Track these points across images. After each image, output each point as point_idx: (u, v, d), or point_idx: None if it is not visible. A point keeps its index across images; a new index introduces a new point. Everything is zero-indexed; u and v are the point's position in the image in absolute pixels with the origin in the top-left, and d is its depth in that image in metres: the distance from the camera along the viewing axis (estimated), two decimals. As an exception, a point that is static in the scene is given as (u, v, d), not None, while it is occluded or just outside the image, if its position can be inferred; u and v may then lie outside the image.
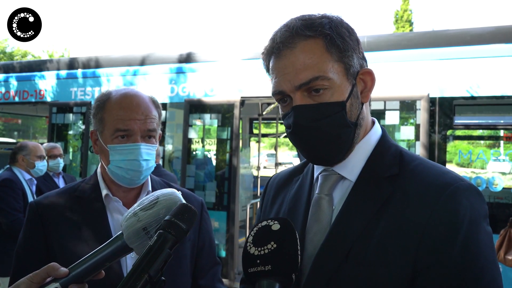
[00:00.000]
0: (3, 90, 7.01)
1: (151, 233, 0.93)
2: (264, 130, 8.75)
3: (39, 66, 7.53)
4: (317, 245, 0.96)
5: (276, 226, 0.87)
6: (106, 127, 1.39)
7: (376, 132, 1.07)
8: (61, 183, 4.57)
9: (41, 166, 4.09)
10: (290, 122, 0.97)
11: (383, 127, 1.10)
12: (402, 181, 0.94)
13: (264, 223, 0.90)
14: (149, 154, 1.41)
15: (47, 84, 6.66)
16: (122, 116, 1.36)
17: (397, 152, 1.02)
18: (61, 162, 4.56)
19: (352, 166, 1.01)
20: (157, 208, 0.96)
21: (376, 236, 0.90)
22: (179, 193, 1.01)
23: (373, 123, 1.09)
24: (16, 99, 6.91)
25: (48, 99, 6.58)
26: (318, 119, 0.94)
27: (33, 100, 6.75)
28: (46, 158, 4.23)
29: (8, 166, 4.08)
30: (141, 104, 1.39)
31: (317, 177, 1.07)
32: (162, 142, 5.90)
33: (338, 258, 0.92)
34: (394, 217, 0.91)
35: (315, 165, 1.11)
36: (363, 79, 1.02)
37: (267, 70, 1.04)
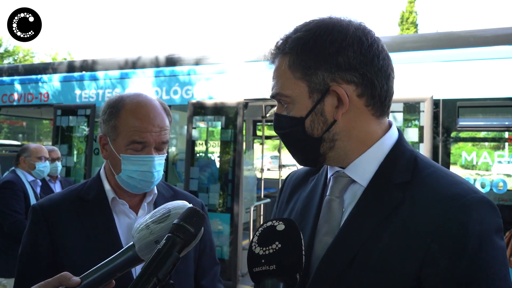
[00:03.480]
0: (8, 92, 7.06)
1: None
2: (267, 132, 8.74)
3: (44, 68, 7.57)
4: (326, 246, 0.97)
5: (281, 227, 0.88)
6: (120, 135, 1.38)
7: (391, 136, 1.03)
8: (57, 188, 4.54)
9: (42, 167, 4.10)
10: None
11: (400, 130, 1.07)
12: (413, 189, 0.92)
13: (269, 223, 0.90)
14: (160, 165, 1.43)
15: (51, 87, 6.70)
16: (138, 128, 1.36)
17: (411, 158, 0.99)
18: (58, 165, 4.55)
19: (364, 170, 1.00)
20: (169, 221, 0.98)
21: (382, 243, 0.89)
22: (190, 206, 1.02)
23: (390, 126, 1.04)
24: (21, 101, 6.95)
25: (53, 102, 6.62)
26: (281, 129, 1.03)
27: (38, 102, 6.78)
28: (50, 160, 4.26)
29: (13, 168, 4.11)
30: (157, 115, 1.40)
31: (329, 179, 1.07)
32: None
33: (343, 262, 0.92)
34: (401, 225, 0.89)
35: (328, 166, 1.10)
36: (338, 95, 0.95)
37: None
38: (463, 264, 0.82)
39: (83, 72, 6.83)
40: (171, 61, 6.40)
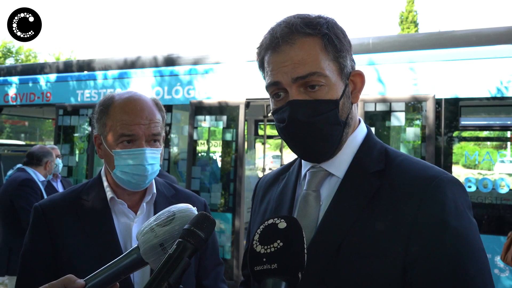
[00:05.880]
0: (10, 92, 7.07)
1: (168, 249, 0.94)
2: (269, 132, 8.73)
3: (46, 68, 7.58)
4: (306, 240, 0.97)
5: (282, 224, 0.87)
6: (110, 132, 1.39)
7: (362, 130, 1.10)
8: (59, 186, 4.60)
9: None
10: (284, 116, 0.99)
11: (368, 126, 1.13)
12: (389, 176, 0.98)
13: (271, 221, 0.90)
14: (154, 158, 1.41)
15: (53, 86, 6.70)
16: (126, 121, 1.36)
17: (382, 149, 1.06)
18: (59, 162, 4.62)
19: (339, 163, 1.04)
20: (173, 224, 0.98)
21: (367, 230, 0.93)
22: (194, 209, 1.04)
23: (359, 122, 1.12)
24: (23, 101, 6.96)
25: (55, 102, 6.62)
26: (313, 115, 0.97)
27: (40, 102, 6.79)
28: None
29: (20, 166, 4.11)
30: (145, 108, 1.39)
31: (305, 174, 1.10)
32: (167, 143, 5.91)
33: (329, 252, 0.94)
34: (384, 210, 0.94)
35: (302, 163, 1.14)
36: (353, 80, 1.05)
37: (260, 65, 1.07)
38: (446, 240, 0.87)
39: (85, 72, 6.83)
40: (173, 61, 6.41)
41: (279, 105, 1.02)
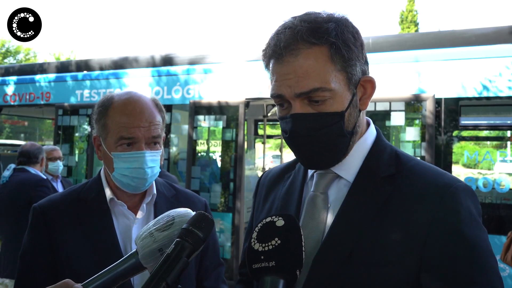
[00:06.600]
0: (9, 92, 7.06)
1: None
2: (269, 131, 8.73)
3: (45, 68, 7.58)
4: (314, 243, 0.97)
5: (280, 222, 0.87)
6: (109, 134, 1.37)
7: (371, 133, 1.08)
8: (59, 187, 4.59)
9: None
10: (287, 129, 0.97)
11: (377, 127, 1.11)
12: (401, 181, 0.96)
13: (269, 219, 0.90)
14: (154, 161, 1.39)
15: (53, 86, 6.70)
16: (126, 124, 1.34)
17: (392, 152, 1.04)
18: (60, 164, 4.60)
19: (349, 166, 1.02)
20: (173, 229, 0.98)
21: (380, 236, 0.91)
22: (193, 213, 1.02)
23: (368, 124, 1.09)
24: (23, 101, 6.95)
25: (54, 101, 6.61)
26: (316, 129, 0.94)
27: (39, 102, 6.79)
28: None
29: (15, 166, 4.09)
30: (145, 110, 1.37)
31: (312, 175, 1.08)
32: (166, 143, 5.91)
33: (340, 257, 0.92)
34: (396, 217, 0.92)
35: None
36: (363, 86, 1.01)
37: (267, 67, 1.03)
38: (462, 250, 0.88)
39: (85, 72, 6.83)
40: (172, 60, 6.40)
41: (283, 114, 1.00)
